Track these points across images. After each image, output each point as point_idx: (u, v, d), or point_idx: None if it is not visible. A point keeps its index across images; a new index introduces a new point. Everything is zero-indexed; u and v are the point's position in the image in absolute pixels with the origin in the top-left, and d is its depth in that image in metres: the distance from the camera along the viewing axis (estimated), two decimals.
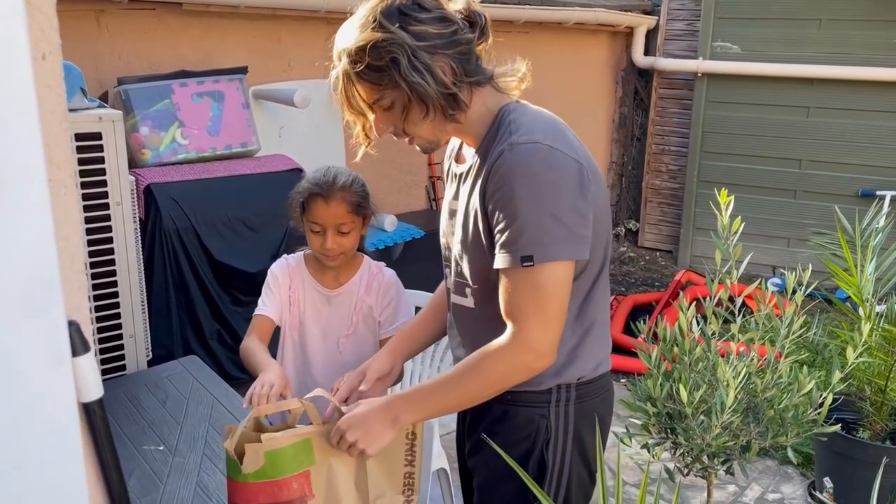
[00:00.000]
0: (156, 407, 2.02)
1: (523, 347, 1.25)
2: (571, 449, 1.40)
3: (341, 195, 1.71)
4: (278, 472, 1.25)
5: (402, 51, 1.20)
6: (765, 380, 1.64)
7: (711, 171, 5.15)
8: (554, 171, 1.22)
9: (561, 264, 1.23)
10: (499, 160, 1.24)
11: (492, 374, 1.28)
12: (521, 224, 1.21)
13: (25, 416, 0.58)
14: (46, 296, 0.57)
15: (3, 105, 0.54)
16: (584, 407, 1.39)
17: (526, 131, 1.25)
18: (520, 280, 1.24)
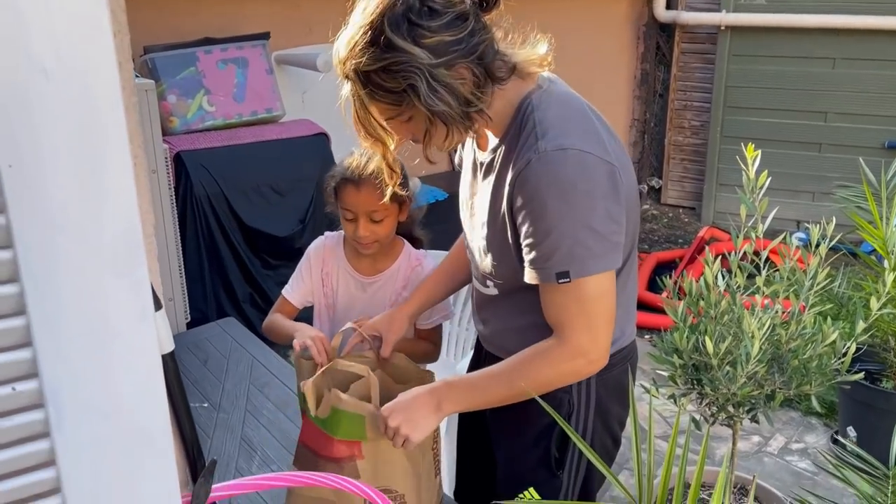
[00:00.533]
0: (198, 366, 2.11)
1: (573, 353, 1.24)
2: (594, 419, 1.42)
3: (372, 181, 1.59)
4: (333, 431, 1.31)
5: (419, 74, 1.08)
6: (789, 331, 1.68)
7: (735, 126, 5.11)
8: (586, 178, 1.16)
9: (601, 276, 1.19)
10: (526, 169, 1.16)
11: (539, 376, 1.27)
12: (554, 240, 1.16)
13: (119, 366, 0.64)
14: (131, 257, 0.63)
15: (93, 80, 0.58)
16: (605, 378, 1.40)
17: (554, 134, 1.17)
18: (561, 294, 1.21)
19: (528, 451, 1.46)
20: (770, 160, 4.95)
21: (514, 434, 1.48)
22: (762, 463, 2.76)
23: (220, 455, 1.73)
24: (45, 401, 0.62)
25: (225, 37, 3.43)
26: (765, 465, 2.75)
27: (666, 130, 5.59)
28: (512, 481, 1.49)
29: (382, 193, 1.52)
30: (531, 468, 1.47)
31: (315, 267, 1.80)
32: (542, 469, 1.46)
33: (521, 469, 1.49)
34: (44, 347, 0.61)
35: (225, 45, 3.35)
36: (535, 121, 1.19)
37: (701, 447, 1.38)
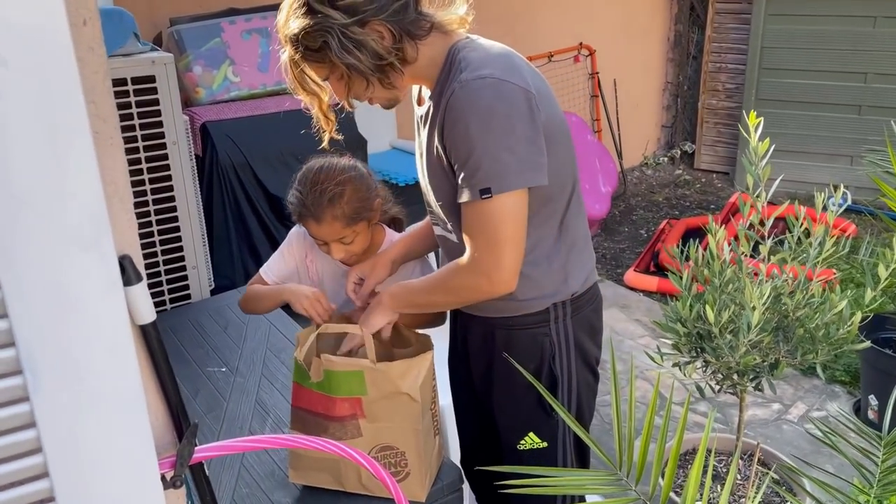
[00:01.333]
0: (218, 332, 2.19)
1: (474, 271, 1.34)
2: (575, 358, 1.53)
3: (331, 214, 1.56)
4: (333, 391, 1.37)
5: (331, 32, 1.24)
6: (795, 300, 1.67)
7: (771, 89, 4.98)
8: (503, 102, 1.25)
9: (513, 194, 1.28)
10: (451, 98, 1.28)
11: (451, 289, 1.40)
12: (476, 159, 1.26)
13: (86, 337, 0.68)
14: (95, 231, 0.67)
15: (50, 70, 0.62)
16: (579, 318, 1.52)
17: (475, 67, 1.28)
18: (474, 211, 1.30)
19: (522, 398, 1.54)
20: (807, 123, 4.87)
21: (505, 385, 1.56)
22: (781, 430, 2.76)
23: (235, 417, 1.80)
24: (23, 367, 0.67)
25: (249, 7, 3.46)
26: (783, 432, 2.75)
27: (699, 94, 5.47)
28: (511, 430, 1.58)
29: (344, 220, 1.57)
30: (527, 414, 1.56)
31: (298, 254, 1.78)
32: (537, 412, 1.55)
33: (519, 416, 1.57)
34: (18, 317, 0.66)
35: (249, 15, 3.38)
36: (459, 59, 1.32)
37: (707, 422, 1.39)
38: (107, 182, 0.77)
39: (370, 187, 1.65)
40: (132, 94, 2.14)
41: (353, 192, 1.59)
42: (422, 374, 1.41)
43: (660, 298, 3.81)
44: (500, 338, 1.52)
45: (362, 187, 1.62)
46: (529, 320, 1.48)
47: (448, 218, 1.45)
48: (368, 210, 1.63)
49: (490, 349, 1.56)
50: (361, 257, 1.71)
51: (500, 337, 1.52)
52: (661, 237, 4.39)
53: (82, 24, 0.73)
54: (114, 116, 0.79)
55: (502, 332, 1.52)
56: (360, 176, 1.63)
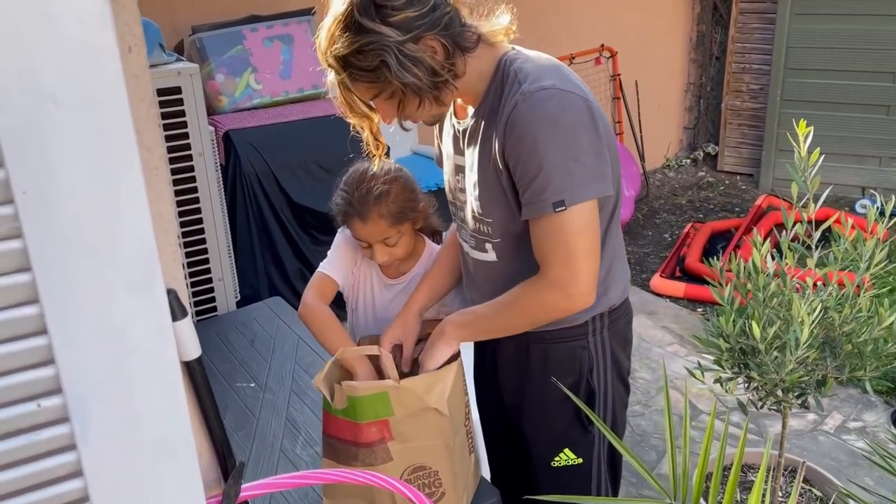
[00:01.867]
0: (245, 346, 2.16)
1: (551, 287, 1.29)
2: (611, 371, 1.50)
3: (377, 211, 1.56)
4: (358, 417, 1.33)
5: (388, 51, 1.18)
6: (843, 314, 1.62)
7: (796, 89, 4.90)
8: (568, 112, 1.24)
9: (585, 205, 1.25)
10: (514, 111, 1.24)
11: (526, 309, 1.35)
12: (547, 171, 1.23)
13: (136, 384, 0.65)
14: (146, 272, 0.64)
15: (101, 104, 0.59)
16: (615, 331, 1.49)
17: (535, 78, 1.25)
18: (549, 225, 1.27)
19: (557, 412, 1.51)
20: (833, 124, 4.79)
21: (539, 400, 1.52)
22: (817, 442, 2.70)
23: (265, 435, 1.77)
24: (70, 415, 0.64)
25: (271, 14, 3.44)
26: (820, 444, 2.69)
27: (723, 94, 5.40)
28: (545, 446, 1.55)
29: (390, 219, 1.56)
30: (563, 429, 1.53)
31: (350, 258, 1.75)
32: (573, 427, 1.52)
33: (553, 431, 1.54)
34: (65, 364, 0.62)
35: (270, 22, 3.36)
36: (514, 71, 1.28)
37: (741, 436, 1.35)
38: (153, 214, 0.74)
39: (415, 189, 1.65)
40: (158, 107, 2.12)
41: (400, 191, 1.59)
42: (448, 386, 1.37)
43: (687, 304, 3.76)
44: (536, 352, 1.48)
45: (408, 188, 1.62)
46: (567, 333, 1.45)
47: (494, 236, 1.41)
48: (414, 210, 1.63)
49: (524, 363, 1.51)
50: (403, 266, 1.73)
51: (536, 351, 1.48)
52: (686, 241, 4.33)
53: (128, 51, 0.70)
54: (159, 146, 0.76)
55: (538, 346, 1.48)
56: (405, 177, 1.64)
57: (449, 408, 1.35)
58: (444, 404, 1.35)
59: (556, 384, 1.43)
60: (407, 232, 1.63)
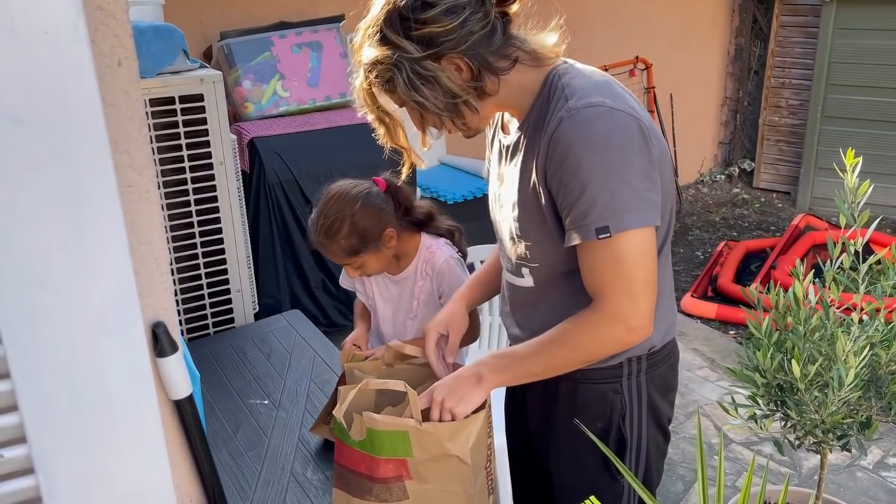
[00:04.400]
0: (261, 361, 2.10)
1: (610, 320, 1.19)
2: (647, 418, 1.38)
3: (330, 248, 1.65)
4: (376, 451, 1.26)
5: (401, 68, 1.14)
6: (890, 352, 1.51)
7: (838, 106, 4.75)
8: (618, 133, 1.14)
9: (640, 231, 1.15)
10: (558, 129, 1.15)
11: (578, 344, 1.23)
12: (591, 195, 1.13)
13: (113, 430, 0.59)
14: (124, 313, 0.57)
15: (72, 129, 0.53)
16: (653, 375, 1.37)
17: (582, 94, 1.16)
18: (599, 253, 1.17)
19: (585, 458, 1.40)
20: (876, 142, 4.63)
21: (569, 442, 1.42)
22: (855, 478, 2.57)
23: (277, 456, 1.71)
24: (35, 468, 0.58)
25: (300, 20, 3.41)
26: (857, 480, 2.55)
27: (761, 109, 5.26)
28: (570, 492, 1.44)
29: (346, 251, 1.64)
30: (590, 476, 1.42)
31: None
32: (601, 475, 1.41)
33: (580, 477, 1.43)
34: (30, 412, 0.56)
35: (299, 29, 3.32)
36: (562, 86, 1.20)
37: (778, 473, 1.25)
38: (141, 241, 0.67)
39: (378, 219, 1.65)
40: (179, 113, 2.08)
41: (352, 226, 1.62)
42: (473, 434, 1.29)
43: (719, 326, 3.64)
44: (565, 392, 1.38)
45: (365, 220, 1.64)
46: (600, 374, 1.34)
47: (533, 260, 1.31)
48: (373, 242, 1.65)
49: (551, 403, 1.42)
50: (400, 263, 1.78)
51: (565, 391, 1.38)
52: (719, 260, 4.20)
53: (117, 64, 0.64)
54: (150, 167, 0.69)
55: (567, 384, 1.37)
56: (366, 207, 1.64)
57: (472, 456, 1.27)
58: (468, 453, 1.27)
59: (585, 431, 1.32)
60: (370, 258, 1.67)
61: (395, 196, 1.71)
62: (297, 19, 3.42)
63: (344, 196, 1.65)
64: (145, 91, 1.94)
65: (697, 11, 5.11)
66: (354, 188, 1.67)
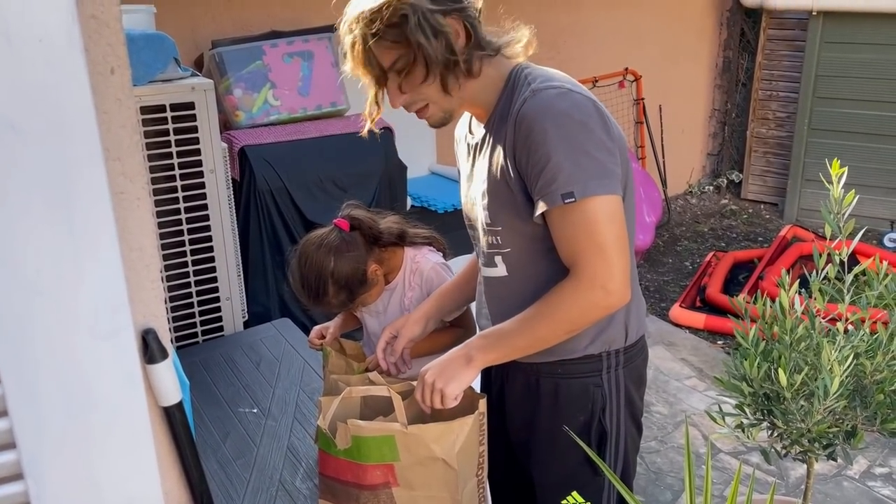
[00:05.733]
0: (251, 369, 2.10)
1: (589, 285, 1.23)
2: (625, 411, 1.43)
3: (326, 306, 1.68)
4: (362, 458, 1.27)
5: (412, 9, 1.20)
6: (875, 362, 1.53)
7: (824, 118, 4.80)
8: (578, 110, 1.22)
9: (604, 198, 1.21)
10: (522, 108, 1.23)
11: (561, 315, 1.26)
12: (556, 163, 1.20)
13: (102, 435, 0.59)
14: (115, 319, 0.58)
15: (66, 136, 0.53)
16: (630, 369, 1.42)
17: (544, 79, 1.26)
18: (568, 218, 1.22)
19: (566, 454, 1.43)
20: (862, 154, 4.68)
21: (551, 440, 1.44)
22: (841, 488, 2.58)
23: (265, 465, 1.71)
24: (24, 473, 0.58)
25: (292, 30, 3.41)
26: (844, 490, 2.57)
27: (748, 122, 5.31)
28: (551, 489, 1.46)
29: (338, 307, 1.68)
30: (572, 472, 1.45)
31: None
32: (582, 470, 1.44)
33: (562, 473, 1.46)
34: (19, 417, 0.56)
35: (291, 38, 3.33)
36: (525, 75, 1.29)
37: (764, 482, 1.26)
38: (132, 248, 0.68)
39: (356, 263, 1.64)
40: (170, 121, 2.08)
41: (336, 283, 1.63)
42: (460, 438, 1.30)
43: (707, 336, 3.65)
44: (546, 387, 1.41)
45: (345, 269, 1.63)
46: (581, 368, 1.38)
47: (504, 245, 1.35)
48: (362, 284, 1.66)
49: (533, 399, 1.44)
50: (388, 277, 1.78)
51: (546, 386, 1.41)
52: (707, 270, 4.23)
53: (110, 73, 0.64)
54: (142, 174, 0.70)
55: (549, 380, 1.41)
56: (339, 257, 1.63)
57: (458, 461, 1.28)
58: (454, 457, 1.27)
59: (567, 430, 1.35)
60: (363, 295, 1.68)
61: (361, 230, 1.69)
62: (289, 29, 3.43)
63: (315, 257, 1.63)
64: (136, 99, 1.94)
65: (686, 24, 5.16)
66: (322, 244, 1.65)
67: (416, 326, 1.57)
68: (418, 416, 1.34)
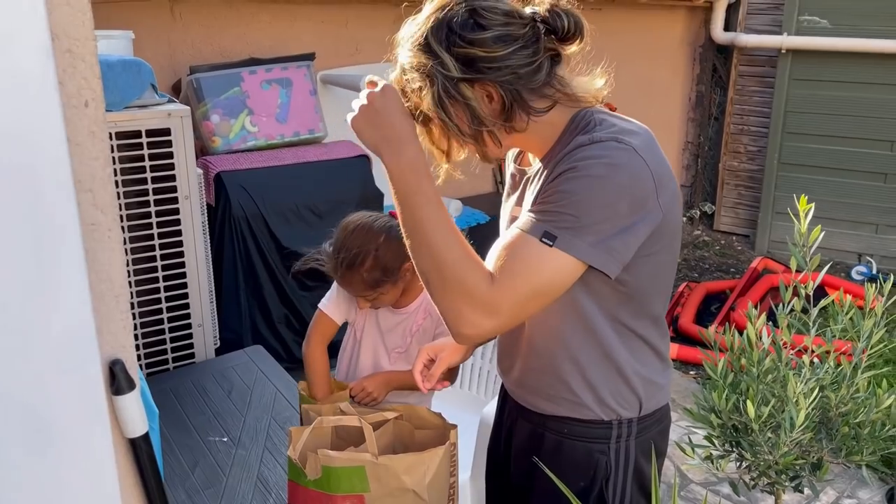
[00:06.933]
0: (221, 397, 2.08)
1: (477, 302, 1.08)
2: (631, 483, 1.32)
3: (349, 277, 1.60)
4: (332, 488, 1.26)
5: (433, 80, 1.10)
6: (839, 394, 1.55)
7: (794, 153, 4.91)
8: (628, 173, 1.07)
9: (575, 261, 1.07)
10: (576, 150, 1.09)
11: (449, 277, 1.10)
12: (569, 204, 1.06)
13: (63, 470, 0.59)
14: (81, 353, 0.58)
15: (37, 170, 0.53)
16: (643, 440, 1.31)
17: (616, 131, 1.11)
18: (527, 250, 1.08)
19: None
20: (831, 189, 4.78)
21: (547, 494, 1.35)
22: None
23: (234, 495, 1.69)
24: None
25: (272, 57, 3.43)
26: None
27: (720, 155, 5.41)
28: None
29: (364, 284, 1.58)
30: None
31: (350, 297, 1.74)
32: None
33: None
34: None
35: (269, 65, 3.35)
36: (596, 120, 1.15)
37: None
38: (101, 279, 0.68)
39: (400, 252, 1.57)
40: (146, 147, 2.08)
41: (376, 260, 1.59)
42: (431, 470, 1.29)
43: (680, 366, 3.68)
44: (550, 442, 1.32)
45: (388, 254, 1.59)
46: (589, 433, 1.28)
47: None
48: (393, 275, 1.62)
49: (536, 450, 1.35)
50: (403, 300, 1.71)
51: (550, 441, 1.32)
52: (680, 300, 4.27)
53: (84, 105, 0.65)
54: (113, 206, 0.70)
55: (553, 437, 1.31)
56: (389, 240, 1.60)
57: (429, 492, 1.27)
58: (424, 488, 1.27)
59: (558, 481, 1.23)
60: (388, 290, 1.63)
61: None
62: (268, 56, 3.45)
63: (367, 229, 1.61)
64: (112, 124, 1.94)
65: (660, 59, 5.27)
66: (376, 221, 1.64)
67: (457, 353, 1.48)
68: (389, 446, 1.34)
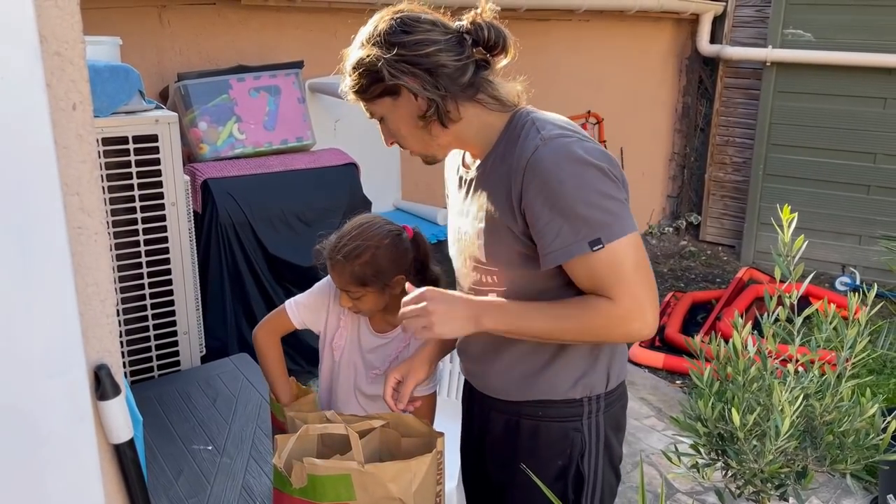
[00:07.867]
0: (206, 405, 2.07)
1: (627, 319, 1.24)
2: (603, 457, 1.43)
3: (341, 265, 1.60)
4: (318, 497, 1.25)
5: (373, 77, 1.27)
6: (824, 403, 1.56)
7: (778, 164, 4.96)
8: (592, 156, 1.23)
9: (629, 238, 1.23)
10: (534, 156, 1.23)
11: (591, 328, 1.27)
12: (579, 212, 1.20)
13: (49, 474, 0.58)
14: (67, 356, 0.57)
15: (24, 173, 0.53)
16: (609, 415, 1.43)
17: (552, 128, 1.26)
18: (595, 263, 1.22)
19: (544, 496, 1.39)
20: (815, 200, 4.83)
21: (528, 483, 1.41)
22: None
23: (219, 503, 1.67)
24: None
25: (260, 64, 3.43)
26: None
27: (706, 166, 5.45)
28: None
29: (351, 276, 1.59)
30: None
31: (322, 299, 1.73)
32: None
33: None
34: None
35: (258, 73, 3.35)
36: (532, 120, 1.29)
37: None
38: (87, 283, 0.67)
39: (398, 262, 1.61)
40: (133, 153, 2.07)
41: (372, 258, 1.58)
42: (417, 478, 1.29)
43: (666, 376, 3.69)
44: (526, 428, 1.41)
45: (386, 257, 1.60)
46: (562, 412, 1.38)
47: (499, 284, 1.34)
48: (382, 279, 1.61)
49: (513, 440, 1.43)
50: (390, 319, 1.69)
51: (526, 427, 1.41)
52: (666, 310, 4.29)
53: (72, 108, 0.65)
54: (100, 210, 0.70)
55: (529, 422, 1.41)
56: (392, 246, 1.61)
57: (415, 500, 1.27)
58: (411, 497, 1.26)
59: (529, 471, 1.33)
60: (370, 294, 1.62)
61: (416, 249, 1.67)
62: (256, 63, 3.45)
63: (375, 228, 1.63)
64: (99, 130, 1.93)
65: (647, 70, 5.31)
66: (387, 225, 1.66)
67: (422, 370, 1.52)
68: (375, 454, 1.33)
